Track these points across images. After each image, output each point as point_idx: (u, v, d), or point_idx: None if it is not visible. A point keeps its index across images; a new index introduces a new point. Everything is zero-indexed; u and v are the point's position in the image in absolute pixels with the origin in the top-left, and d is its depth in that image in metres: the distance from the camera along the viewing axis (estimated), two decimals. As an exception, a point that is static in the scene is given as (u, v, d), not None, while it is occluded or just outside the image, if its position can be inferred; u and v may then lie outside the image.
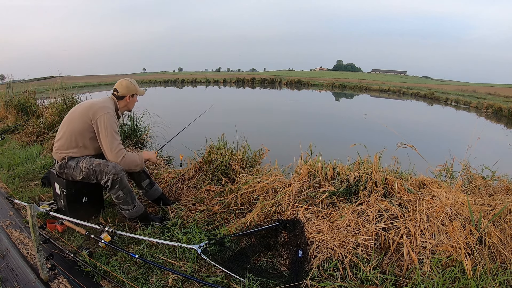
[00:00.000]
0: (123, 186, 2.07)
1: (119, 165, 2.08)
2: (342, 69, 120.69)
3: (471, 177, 2.51)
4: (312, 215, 2.02)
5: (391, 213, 1.92)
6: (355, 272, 1.65)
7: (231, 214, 2.25)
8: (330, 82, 35.70)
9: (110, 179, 2.03)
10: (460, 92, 25.38)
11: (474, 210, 1.83)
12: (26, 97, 6.34)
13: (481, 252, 1.65)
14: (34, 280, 1.61)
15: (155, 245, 1.93)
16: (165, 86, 30.56)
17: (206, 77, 38.40)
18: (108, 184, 2.04)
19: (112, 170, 2.03)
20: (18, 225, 2.20)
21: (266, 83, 35.20)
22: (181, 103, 15.45)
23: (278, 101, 18.72)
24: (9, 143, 4.56)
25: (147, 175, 2.39)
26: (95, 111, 2.05)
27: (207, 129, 3.85)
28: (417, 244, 1.71)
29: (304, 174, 2.35)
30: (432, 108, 18.68)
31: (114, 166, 2.05)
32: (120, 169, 2.06)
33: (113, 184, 2.04)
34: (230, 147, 3.08)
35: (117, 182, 2.04)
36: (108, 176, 2.03)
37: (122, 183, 2.06)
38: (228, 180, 2.68)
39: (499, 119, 13.76)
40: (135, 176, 2.36)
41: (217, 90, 27.16)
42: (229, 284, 1.62)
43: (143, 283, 1.61)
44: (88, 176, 2.07)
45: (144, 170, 2.37)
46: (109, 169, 2.03)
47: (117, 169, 2.04)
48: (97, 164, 2.06)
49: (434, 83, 46.24)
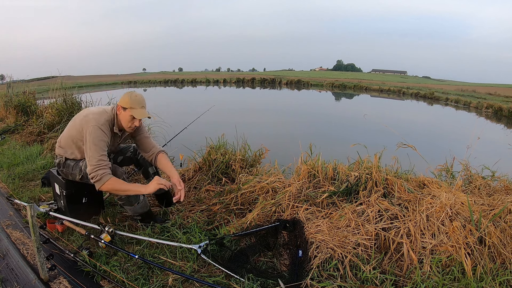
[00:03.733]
0: None
1: (119, 167, 2.07)
2: (342, 69, 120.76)
3: (471, 177, 2.51)
4: (312, 215, 2.02)
5: (391, 213, 1.92)
6: (355, 272, 1.65)
7: (231, 214, 2.25)
8: (330, 82, 35.73)
9: None
10: (460, 92, 25.41)
11: (474, 210, 1.83)
12: (26, 97, 6.35)
13: (481, 252, 1.65)
14: (34, 280, 1.61)
15: (155, 245, 1.93)
16: (165, 86, 30.57)
17: (206, 77, 38.43)
18: None
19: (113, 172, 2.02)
20: (18, 225, 2.20)
21: (266, 83, 35.22)
22: (181, 103, 15.45)
23: (278, 101, 18.72)
24: (9, 143, 4.56)
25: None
26: (86, 121, 1.97)
27: (207, 129, 3.86)
28: (417, 244, 1.71)
29: (304, 174, 2.34)
30: (432, 108, 18.69)
31: (115, 167, 2.04)
32: (120, 172, 2.05)
33: None
34: (230, 147, 3.08)
35: None
36: None
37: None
38: (228, 180, 2.68)
39: (499, 119, 13.77)
40: (141, 161, 2.34)
41: (217, 90, 27.17)
42: (229, 284, 1.61)
43: (143, 283, 1.61)
44: (87, 176, 2.06)
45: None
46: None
47: (117, 172, 2.03)
48: None
49: (434, 83, 46.25)
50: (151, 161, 2.24)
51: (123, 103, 1.99)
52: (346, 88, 31.67)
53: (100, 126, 1.94)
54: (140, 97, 2.02)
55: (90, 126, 1.93)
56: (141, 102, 2.02)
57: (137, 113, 1.99)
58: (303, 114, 12.60)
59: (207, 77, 38.35)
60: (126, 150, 2.37)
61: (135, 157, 2.36)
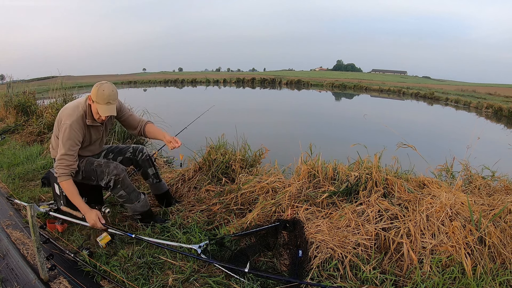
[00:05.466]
0: (125, 186, 2.06)
1: (120, 165, 2.07)
2: (342, 69, 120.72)
3: (471, 177, 2.51)
4: (312, 215, 2.02)
5: (391, 213, 1.92)
6: (355, 272, 1.65)
7: (231, 214, 2.25)
8: (330, 82, 35.73)
9: (112, 180, 2.01)
10: (460, 92, 25.41)
11: (474, 210, 1.83)
12: (26, 97, 6.34)
13: (481, 252, 1.65)
14: (34, 280, 1.61)
15: (155, 245, 1.93)
16: (165, 86, 30.57)
17: (206, 77, 38.43)
18: (110, 184, 2.03)
19: (114, 171, 2.01)
20: (18, 225, 2.20)
21: (266, 83, 35.22)
22: (181, 103, 15.45)
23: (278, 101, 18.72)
24: (9, 143, 4.56)
25: (153, 163, 2.37)
26: (61, 118, 1.97)
27: (207, 129, 3.85)
28: (417, 244, 1.71)
29: (304, 174, 2.34)
30: (432, 108, 18.69)
31: (115, 166, 2.04)
32: (122, 169, 2.05)
33: (115, 184, 2.03)
34: (230, 147, 3.08)
35: (119, 182, 2.03)
36: (110, 176, 2.01)
37: (124, 182, 2.05)
38: (228, 180, 2.68)
39: (499, 119, 13.77)
40: (140, 163, 2.35)
41: (217, 90, 27.17)
42: (229, 284, 1.61)
43: (143, 283, 1.61)
44: (88, 176, 2.06)
45: (150, 158, 2.37)
46: (111, 170, 2.02)
47: (118, 169, 2.03)
48: (98, 164, 2.05)
49: (434, 83, 46.25)
50: (140, 134, 2.25)
51: (92, 95, 1.91)
52: (346, 88, 31.67)
53: (71, 123, 1.90)
54: (107, 92, 1.87)
55: (63, 124, 1.93)
56: (108, 97, 1.88)
57: (102, 109, 1.90)
58: (303, 114, 12.60)
59: (207, 77, 38.35)
60: (126, 151, 2.37)
61: (134, 158, 2.36)
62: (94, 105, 1.93)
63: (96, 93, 1.88)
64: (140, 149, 2.37)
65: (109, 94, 1.89)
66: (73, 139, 1.91)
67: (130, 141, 4.33)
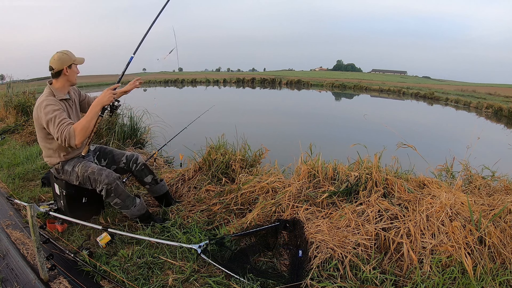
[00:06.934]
0: (119, 194, 2.03)
1: (113, 173, 2.03)
2: (342, 69, 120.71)
3: (471, 177, 2.51)
4: (312, 215, 2.02)
5: (391, 213, 1.92)
6: (355, 272, 1.65)
7: (231, 214, 2.25)
8: (330, 82, 35.71)
9: (104, 189, 1.99)
10: (460, 92, 25.40)
11: (474, 210, 1.83)
12: (26, 97, 6.34)
13: (481, 252, 1.65)
14: (34, 280, 1.61)
15: (155, 245, 1.93)
16: (165, 86, 30.56)
17: (206, 77, 38.41)
18: (103, 193, 2.01)
19: (105, 180, 1.98)
20: (18, 225, 2.20)
21: (266, 83, 35.21)
22: (181, 103, 15.45)
23: (278, 101, 18.73)
24: (9, 143, 4.56)
25: (150, 170, 2.35)
26: (37, 113, 1.95)
27: (207, 129, 3.86)
28: (417, 244, 1.71)
29: (304, 174, 2.34)
30: (432, 108, 18.68)
31: (107, 175, 2.00)
32: (113, 178, 2.01)
33: (108, 193, 2.01)
34: (230, 147, 3.08)
35: (111, 191, 2.00)
36: (102, 185, 1.99)
37: (117, 191, 2.02)
38: (228, 180, 2.68)
39: (499, 119, 13.77)
40: (136, 173, 2.33)
41: (217, 90, 27.17)
42: (229, 284, 1.61)
43: (143, 283, 1.61)
44: (83, 182, 2.05)
45: (146, 166, 2.35)
46: (103, 178, 1.98)
47: (110, 178, 1.99)
48: (91, 171, 2.01)
49: (434, 83, 46.24)
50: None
51: (66, 62, 2.01)
52: (346, 88, 31.66)
53: (44, 100, 1.93)
54: (68, 51, 2.07)
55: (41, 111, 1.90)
56: (70, 52, 2.08)
57: (79, 60, 2.10)
58: (303, 114, 12.60)
59: (207, 77, 38.33)
60: (119, 160, 2.32)
61: (129, 169, 2.32)
62: (73, 67, 2.05)
63: (59, 57, 2.00)
64: (134, 159, 2.32)
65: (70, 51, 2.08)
66: (56, 109, 1.90)
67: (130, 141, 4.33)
